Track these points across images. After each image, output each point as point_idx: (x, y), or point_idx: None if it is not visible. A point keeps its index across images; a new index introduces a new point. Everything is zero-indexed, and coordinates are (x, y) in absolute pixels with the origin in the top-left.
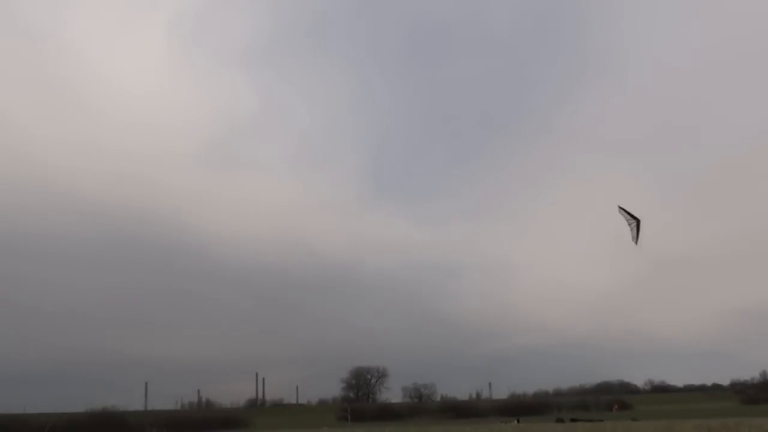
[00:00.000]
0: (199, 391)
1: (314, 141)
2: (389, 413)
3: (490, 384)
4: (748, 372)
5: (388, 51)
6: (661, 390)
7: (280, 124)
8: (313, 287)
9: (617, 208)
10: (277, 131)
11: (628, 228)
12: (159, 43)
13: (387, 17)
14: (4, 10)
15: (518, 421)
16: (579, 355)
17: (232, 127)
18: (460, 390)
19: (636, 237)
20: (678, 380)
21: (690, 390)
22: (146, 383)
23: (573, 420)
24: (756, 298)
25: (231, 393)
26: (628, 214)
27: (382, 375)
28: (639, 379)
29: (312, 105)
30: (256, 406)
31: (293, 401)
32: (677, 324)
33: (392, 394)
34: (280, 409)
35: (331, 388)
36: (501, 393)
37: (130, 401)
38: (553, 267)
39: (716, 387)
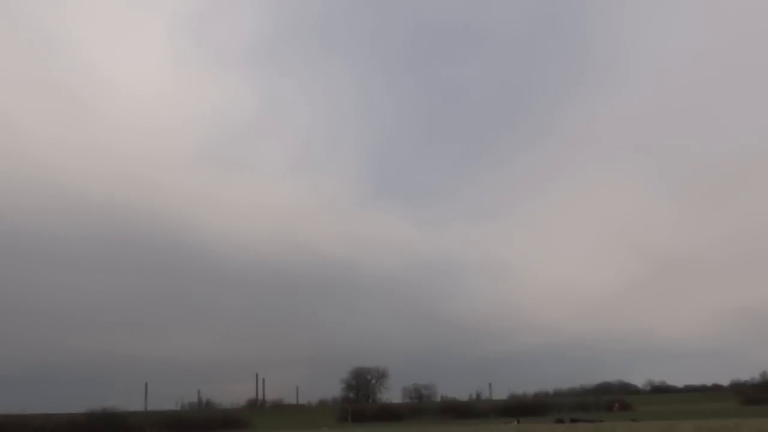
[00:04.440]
0: (199, 391)
1: (315, 141)
2: (389, 413)
3: (490, 384)
4: (748, 372)
5: (390, 51)
6: (661, 390)
7: (282, 124)
8: (313, 287)
9: None
10: (278, 131)
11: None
12: (160, 44)
13: (389, 18)
14: (4, 10)
15: (518, 422)
16: (579, 355)
17: (233, 127)
18: (460, 390)
19: None
20: (678, 380)
21: (690, 390)
22: (146, 384)
23: (573, 420)
24: (756, 298)
25: (231, 393)
26: None
27: (382, 375)
28: (639, 380)
29: (314, 105)
30: (256, 406)
31: (293, 401)
32: (677, 324)
33: (392, 394)
34: (280, 409)
35: (331, 388)
36: (501, 393)
37: (130, 401)
38: (554, 267)
39: (716, 387)
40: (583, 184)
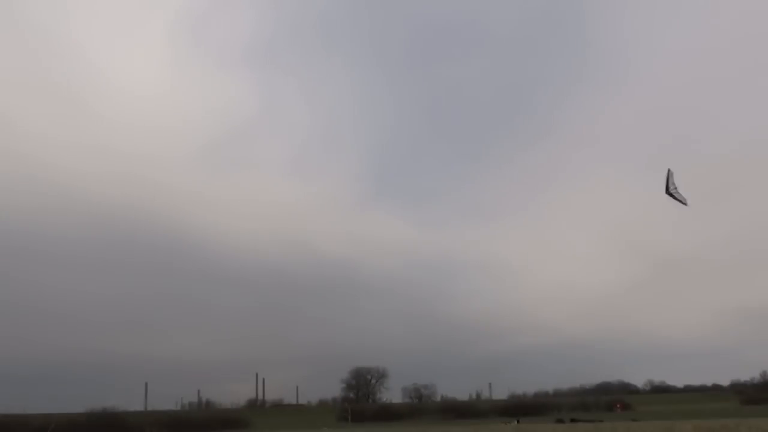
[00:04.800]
0: (199, 391)
1: (315, 141)
2: (389, 414)
3: (490, 384)
4: (748, 372)
5: (391, 51)
6: (661, 390)
7: (282, 123)
8: (313, 287)
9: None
10: (278, 131)
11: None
12: (160, 43)
13: (389, 17)
14: (5, 10)
15: (518, 422)
16: (579, 355)
17: (233, 127)
18: (460, 390)
19: None
20: (678, 380)
21: (690, 390)
22: (146, 383)
23: (573, 420)
24: (756, 297)
25: (231, 393)
26: None
27: (382, 375)
28: (639, 380)
29: (313, 105)
30: (256, 406)
31: (293, 401)
32: (677, 324)
33: (392, 394)
34: (280, 409)
35: (331, 388)
36: (501, 393)
37: (130, 401)
38: (554, 267)
39: (716, 387)
40: (584, 184)
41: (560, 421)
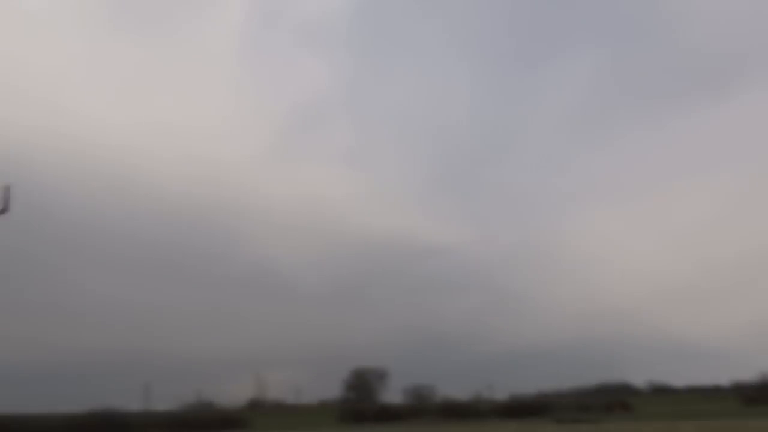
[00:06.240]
0: (199, 391)
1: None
2: (389, 414)
3: (490, 385)
4: (749, 373)
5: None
6: (661, 391)
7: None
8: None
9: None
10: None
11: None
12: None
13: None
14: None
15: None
16: (579, 355)
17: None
18: (461, 391)
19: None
20: (679, 381)
21: (691, 391)
22: (146, 383)
23: (573, 421)
24: (756, 297)
25: (231, 393)
26: None
27: (382, 376)
28: (639, 380)
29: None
30: (256, 406)
31: (293, 401)
32: (677, 324)
33: (392, 395)
34: (280, 409)
35: (331, 388)
36: (501, 394)
37: (130, 401)
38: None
39: (717, 388)
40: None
41: (560, 421)
